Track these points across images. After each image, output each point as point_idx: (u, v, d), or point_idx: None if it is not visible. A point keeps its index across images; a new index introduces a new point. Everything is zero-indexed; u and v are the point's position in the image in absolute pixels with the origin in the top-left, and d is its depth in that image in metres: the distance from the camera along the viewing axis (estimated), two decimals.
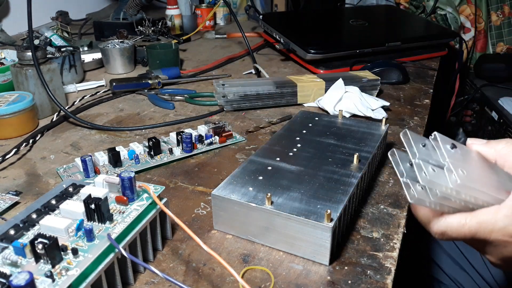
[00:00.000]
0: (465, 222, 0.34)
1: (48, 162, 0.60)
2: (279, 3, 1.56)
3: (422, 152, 0.33)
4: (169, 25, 1.27)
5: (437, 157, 0.33)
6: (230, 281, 0.39)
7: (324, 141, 0.55)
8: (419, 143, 0.33)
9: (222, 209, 0.44)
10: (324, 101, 0.74)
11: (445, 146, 0.33)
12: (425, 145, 0.34)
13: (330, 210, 0.38)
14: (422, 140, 0.34)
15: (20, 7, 1.32)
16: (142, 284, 0.39)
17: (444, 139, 0.33)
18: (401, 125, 0.71)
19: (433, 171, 0.32)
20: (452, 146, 0.33)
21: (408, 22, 1.27)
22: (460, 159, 0.33)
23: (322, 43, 0.97)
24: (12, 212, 0.49)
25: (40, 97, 0.73)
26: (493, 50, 1.63)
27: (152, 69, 0.92)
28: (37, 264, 0.32)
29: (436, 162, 0.33)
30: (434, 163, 0.33)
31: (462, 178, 0.32)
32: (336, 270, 0.40)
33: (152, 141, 0.58)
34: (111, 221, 0.37)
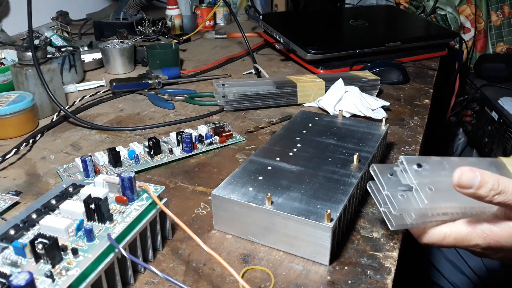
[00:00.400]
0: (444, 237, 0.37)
1: (48, 162, 0.60)
2: (279, 3, 1.56)
3: (391, 182, 0.36)
4: (169, 25, 1.27)
5: (406, 181, 0.35)
6: (230, 281, 0.39)
7: (324, 141, 0.55)
8: (386, 173, 0.37)
9: (222, 209, 0.44)
10: (324, 101, 0.74)
11: (411, 167, 0.35)
12: (392, 174, 0.37)
13: (330, 210, 0.38)
14: (389, 170, 0.37)
15: (20, 7, 1.32)
16: (142, 284, 0.39)
17: (410, 160, 0.35)
18: (401, 125, 0.71)
19: (403, 197, 0.35)
20: (418, 165, 0.35)
21: (408, 22, 1.27)
22: (428, 175, 0.35)
23: (322, 43, 0.97)
24: (12, 212, 0.49)
25: (40, 97, 0.73)
26: (493, 50, 1.63)
27: (152, 69, 0.92)
28: (37, 264, 0.32)
29: (406, 186, 0.35)
30: (404, 188, 0.36)
31: (428, 196, 0.34)
32: (336, 270, 0.40)
33: (152, 141, 0.58)
34: (111, 221, 0.37)
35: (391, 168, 0.37)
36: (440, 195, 0.35)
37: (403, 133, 0.68)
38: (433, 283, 0.79)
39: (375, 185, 0.37)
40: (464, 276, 0.77)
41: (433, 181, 0.35)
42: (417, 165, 0.35)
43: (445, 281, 0.78)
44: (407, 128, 0.70)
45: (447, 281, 0.78)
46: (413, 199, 0.35)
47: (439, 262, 0.80)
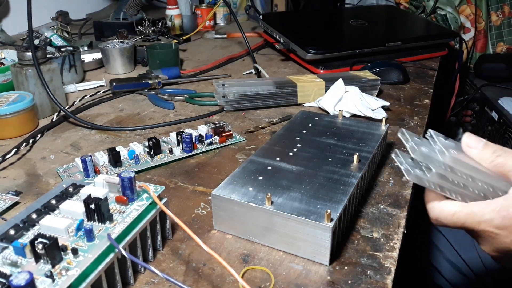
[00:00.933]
0: (455, 211, 0.37)
1: (48, 162, 0.60)
2: (279, 3, 1.56)
3: (417, 141, 0.37)
4: (169, 25, 1.27)
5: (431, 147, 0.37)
6: (230, 281, 0.39)
7: (324, 141, 0.55)
8: (414, 137, 0.38)
9: (222, 209, 0.44)
10: (324, 101, 0.74)
11: (439, 137, 0.37)
12: (419, 137, 0.38)
13: (330, 210, 0.38)
14: (417, 136, 0.38)
15: (20, 7, 1.32)
16: (142, 284, 0.39)
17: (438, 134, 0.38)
18: (401, 125, 0.71)
19: (427, 150, 0.36)
20: (445, 138, 0.37)
21: (408, 22, 1.27)
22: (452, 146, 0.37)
23: (322, 43, 0.97)
24: (12, 212, 0.49)
25: (40, 97, 0.73)
26: (493, 50, 1.63)
27: (152, 69, 0.92)
28: (37, 264, 0.32)
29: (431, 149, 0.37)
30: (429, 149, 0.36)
31: (452, 156, 0.35)
32: (336, 270, 0.40)
33: (152, 141, 0.58)
34: (111, 221, 0.37)
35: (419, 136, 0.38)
36: (462, 163, 0.36)
37: None
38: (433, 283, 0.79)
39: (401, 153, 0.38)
40: (464, 276, 0.77)
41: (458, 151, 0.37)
42: (444, 137, 0.37)
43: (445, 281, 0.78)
44: (407, 128, 0.70)
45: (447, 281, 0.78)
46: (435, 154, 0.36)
47: (439, 263, 0.79)
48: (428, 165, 0.36)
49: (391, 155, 0.39)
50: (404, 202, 0.50)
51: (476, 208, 0.37)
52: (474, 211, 0.36)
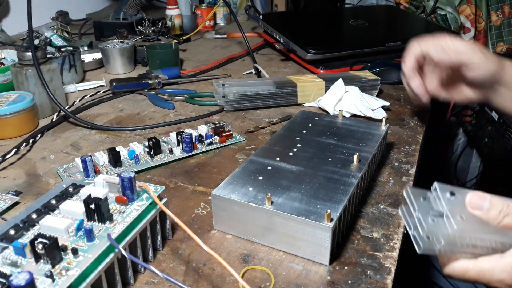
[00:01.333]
0: (466, 270, 0.37)
1: (48, 162, 0.60)
2: (279, 3, 1.56)
3: (423, 206, 0.36)
4: (169, 25, 1.27)
5: (437, 208, 0.35)
6: (230, 281, 0.39)
7: (324, 141, 0.55)
8: (419, 197, 0.36)
9: (222, 209, 0.44)
10: (324, 101, 0.74)
11: (444, 195, 0.35)
12: (425, 198, 0.36)
13: (330, 210, 0.38)
14: (423, 194, 0.37)
15: (20, 7, 1.32)
16: (142, 284, 0.39)
17: (444, 188, 0.36)
18: (401, 125, 0.71)
19: (433, 221, 0.35)
20: (451, 193, 0.36)
21: (408, 22, 1.27)
22: (460, 204, 0.36)
23: (322, 43, 0.97)
24: (12, 212, 0.49)
25: (40, 97, 0.73)
26: (493, 50, 1.63)
27: (152, 69, 0.92)
28: (37, 264, 0.32)
29: (437, 212, 0.35)
30: (436, 214, 0.35)
31: (459, 223, 0.34)
32: (336, 270, 0.40)
33: (152, 141, 0.58)
34: (111, 221, 0.37)
35: (424, 193, 0.37)
36: (470, 225, 0.35)
37: (403, 133, 0.68)
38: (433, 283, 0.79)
39: (406, 208, 0.37)
40: None
41: (464, 211, 0.36)
42: (450, 193, 0.36)
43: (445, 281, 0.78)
44: (407, 128, 0.70)
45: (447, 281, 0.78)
46: (443, 225, 0.35)
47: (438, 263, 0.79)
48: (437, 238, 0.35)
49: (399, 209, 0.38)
50: (404, 202, 0.50)
51: (486, 265, 0.36)
52: (484, 269, 0.36)
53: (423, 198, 0.37)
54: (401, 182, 0.54)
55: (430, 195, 0.36)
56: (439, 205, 0.35)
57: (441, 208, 0.35)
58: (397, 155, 0.61)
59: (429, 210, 0.36)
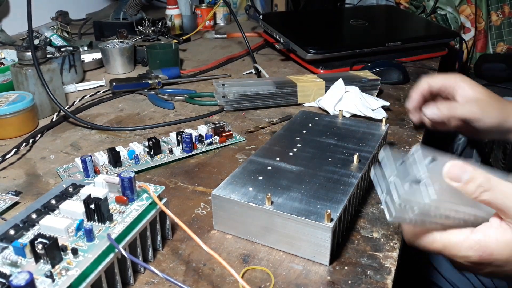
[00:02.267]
0: (433, 241, 0.36)
1: (48, 162, 0.60)
2: (279, 3, 1.56)
3: (399, 170, 0.33)
4: (169, 25, 1.27)
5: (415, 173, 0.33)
6: (230, 281, 0.39)
7: (324, 141, 0.55)
8: (397, 160, 0.34)
9: (222, 209, 0.44)
10: (324, 101, 0.74)
11: (423, 161, 0.33)
12: (403, 162, 0.34)
13: (330, 210, 0.38)
14: (401, 157, 0.34)
15: (20, 7, 1.32)
16: (142, 284, 0.39)
17: (424, 153, 0.33)
18: (401, 125, 0.71)
19: (409, 187, 0.32)
20: (431, 160, 0.33)
21: (408, 22, 1.27)
22: (439, 172, 0.33)
23: (322, 43, 0.97)
24: (12, 212, 0.49)
25: (40, 97, 0.73)
26: (493, 50, 1.63)
27: (152, 69, 0.92)
28: (37, 264, 0.32)
29: (414, 178, 0.33)
30: (412, 179, 0.33)
31: (437, 192, 0.32)
32: (336, 270, 0.40)
33: (152, 141, 0.58)
34: (111, 221, 0.37)
35: (402, 156, 0.34)
36: (446, 195, 0.33)
37: (403, 133, 0.68)
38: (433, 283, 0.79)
39: (379, 171, 0.34)
40: (464, 276, 0.77)
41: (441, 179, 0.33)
42: (431, 159, 0.33)
43: (445, 281, 0.78)
44: (408, 128, 0.70)
45: (447, 281, 0.78)
46: (418, 193, 0.32)
47: (439, 263, 0.79)
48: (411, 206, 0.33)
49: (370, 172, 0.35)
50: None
51: (454, 239, 0.35)
52: (452, 242, 0.35)
53: (400, 162, 0.34)
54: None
55: (407, 160, 0.34)
56: (417, 171, 0.33)
57: (418, 175, 0.32)
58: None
59: (405, 176, 0.33)
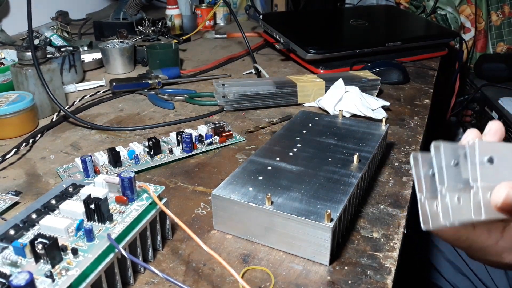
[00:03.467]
0: None
1: (48, 162, 0.60)
2: (279, 3, 1.56)
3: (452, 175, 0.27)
4: (169, 25, 1.27)
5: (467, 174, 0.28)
6: (230, 281, 0.39)
7: (324, 141, 0.55)
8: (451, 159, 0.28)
9: (222, 209, 0.44)
10: (324, 101, 0.74)
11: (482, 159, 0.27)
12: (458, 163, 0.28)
13: (330, 210, 0.38)
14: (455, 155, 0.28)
15: (20, 7, 1.32)
16: (142, 284, 0.39)
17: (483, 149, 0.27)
18: (401, 125, 0.71)
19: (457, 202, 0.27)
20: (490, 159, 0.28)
21: (408, 22, 1.27)
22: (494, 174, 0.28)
23: (322, 43, 0.97)
24: (12, 212, 0.49)
25: (40, 97, 0.73)
26: (493, 50, 1.63)
27: (152, 69, 0.92)
28: (37, 264, 0.32)
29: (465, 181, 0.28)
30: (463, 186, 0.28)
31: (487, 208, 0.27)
32: (336, 270, 0.40)
33: (152, 141, 0.58)
34: (111, 221, 0.37)
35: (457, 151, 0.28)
36: None
37: (403, 133, 0.68)
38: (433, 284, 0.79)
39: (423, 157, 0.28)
40: (465, 277, 0.77)
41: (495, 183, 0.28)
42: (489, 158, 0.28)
43: (446, 282, 0.78)
44: (407, 128, 0.70)
45: (448, 282, 0.78)
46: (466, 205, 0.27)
47: (439, 263, 0.79)
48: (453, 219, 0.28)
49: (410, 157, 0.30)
50: (404, 202, 0.50)
51: None
52: None
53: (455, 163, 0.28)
54: (401, 182, 0.54)
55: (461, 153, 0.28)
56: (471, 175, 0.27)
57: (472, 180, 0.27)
58: (397, 155, 0.61)
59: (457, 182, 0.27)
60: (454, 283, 0.77)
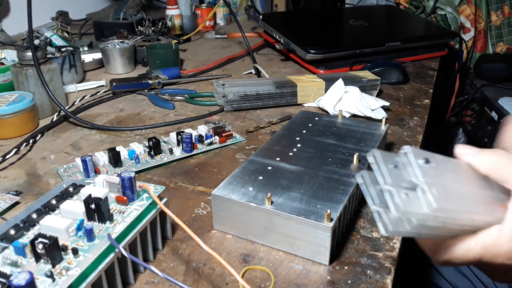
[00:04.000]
0: (469, 249, 0.32)
1: (48, 162, 0.60)
2: (279, 3, 1.56)
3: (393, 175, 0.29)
4: (169, 25, 1.27)
5: (409, 176, 0.29)
6: (230, 281, 0.39)
7: (324, 141, 0.55)
8: (389, 164, 0.29)
9: (222, 209, 0.44)
10: (324, 101, 0.74)
11: (418, 161, 0.29)
12: (396, 166, 0.29)
13: (330, 210, 0.38)
14: (392, 160, 0.30)
15: (20, 7, 1.32)
16: (142, 284, 0.39)
17: (417, 153, 0.29)
18: (401, 125, 0.71)
19: (406, 196, 0.28)
20: (426, 161, 0.30)
21: (408, 22, 1.27)
22: (435, 174, 0.29)
23: (322, 43, 0.97)
24: (12, 212, 0.49)
25: (40, 97, 0.73)
26: (493, 50, 1.64)
27: (152, 69, 0.92)
28: (37, 264, 0.32)
29: (408, 183, 0.29)
30: (407, 185, 0.29)
31: (438, 199, 0.28)
32: (336, 270, 0.40)
33: (152, 141, 0.59)
34: (111, 221, 0.37)
35: (393, 158, 0.30)
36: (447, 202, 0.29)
37: (403, 133, 0.68)
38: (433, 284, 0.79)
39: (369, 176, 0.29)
40: (465, 277, 0.77)
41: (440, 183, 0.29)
42: (425, 160, 0.29)
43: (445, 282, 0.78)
44: (407, 128, 0.70)
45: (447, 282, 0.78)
46: (416, 202, 0.28)
47: None
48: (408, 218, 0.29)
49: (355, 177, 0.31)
50: None
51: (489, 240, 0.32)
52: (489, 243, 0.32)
53: (394, 165, 0.29)
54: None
55: (399, 161, 0.30)
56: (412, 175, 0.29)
57: (414, 179, 0.29)
58: None
59: (400, 182, 0.29)
60: (454, 283, 0.77)
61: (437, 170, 0.30)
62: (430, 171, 0.29)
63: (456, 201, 0.30)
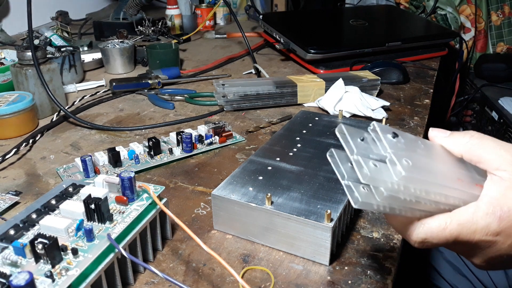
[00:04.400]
0: (445, 225, 0.31)
1: (48, 162, 0.60)
2: (279, 3, 1.56)
3: (361, 147, 0.29)
4: (169, 25, 1.27)
5: (378, 150, 0.29)
6: (230, 281, 0.39)
7: (324, 141, 0.55)
8: (357, 137, 0.29)
9: (222, 209, 0.44)
10: (324, 101, 0.74)
11: (386, 135, 0.29)
12: (363, 139, 0.30)
13: (330, 210, 0.38)
14: (360, 134, 0.30)
15: (20, 7, 1.32)
16: (142, 284, 0.39)
17: (384, 128, 0.29)
18: (401, 125, 0.71)
19: (375, 166, 0.28)
20: (394, 135, 0.30)
21: (408, 22, 1.27)
22: (404, 148, 0.29)
23: (322, 43, 0.97)
24: (12, 212, 0.49)
25: (40, 97, 0.73)
26: (493, 50, 1.64)
27: (152, 69, 0.92)
28: (37, 264, 0.32)
29: (377, 156, 0.29)
30: (376, 158, 0.29)
31: (407, 168, 0.28)
32: (336, 270, 0.40)
33: (152, 141, 0.58)
34: (111, 221, 0.37)
35: (361, 133, 0.30)
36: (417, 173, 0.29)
37: None
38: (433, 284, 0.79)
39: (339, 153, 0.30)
40: (464, 277, 0.77)
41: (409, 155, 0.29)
42: (393, 134, 0.29)
43: (445, 282, 0.78)
44: (407, 128, 0.70)
45: (447, 282, 0.78)
46: (386, 171, 0.28)
47: (439, 264, 0.79)
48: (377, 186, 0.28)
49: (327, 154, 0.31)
50: None
51: (465, 216, 0.31)
52: (466, 219, 0.31)
53: (361, 139, 0.30)
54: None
55: (367, 137, 0.30)
56: (381, 147, 0.29)
57: (383, 150, 0.29)
58: None
59: (368, 154, 0.29)
60: (453, 284, 0.77)
61: (406, 145, 0.30)
62: (399, 145, 0.29)
63: (427, 174, 0.30)
